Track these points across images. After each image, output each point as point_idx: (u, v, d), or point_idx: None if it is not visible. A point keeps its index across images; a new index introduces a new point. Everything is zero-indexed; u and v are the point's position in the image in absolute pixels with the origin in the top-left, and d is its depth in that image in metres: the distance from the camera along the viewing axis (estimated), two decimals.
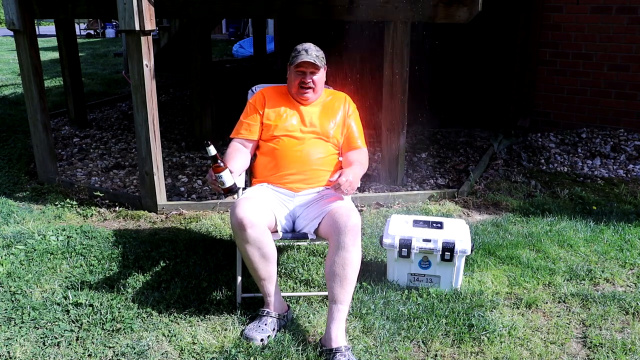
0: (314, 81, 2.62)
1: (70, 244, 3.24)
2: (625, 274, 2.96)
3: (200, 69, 5.06)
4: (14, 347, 2.31)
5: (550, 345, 2.37)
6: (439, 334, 2.40)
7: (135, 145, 3.88)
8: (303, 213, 2.57)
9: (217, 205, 3.82)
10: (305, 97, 2.65)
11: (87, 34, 20.18)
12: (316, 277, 2.88)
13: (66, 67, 5.72)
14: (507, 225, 3.55)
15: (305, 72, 2.60)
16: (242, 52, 12.43)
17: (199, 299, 2.66)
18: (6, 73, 10.02)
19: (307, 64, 2.58)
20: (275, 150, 2.61)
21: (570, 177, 4.48)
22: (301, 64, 2.58)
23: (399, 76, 3.92)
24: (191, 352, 2.29)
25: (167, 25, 7.28)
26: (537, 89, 5.62)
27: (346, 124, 2.72)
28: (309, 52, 2.58)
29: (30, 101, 4.18)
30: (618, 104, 5.29)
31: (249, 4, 4.09)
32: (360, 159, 2.67)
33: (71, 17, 5.74)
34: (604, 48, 5.23)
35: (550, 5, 5.37)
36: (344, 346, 2.20)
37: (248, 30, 16.44)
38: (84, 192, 4.05)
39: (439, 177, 4.48)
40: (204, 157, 4.97)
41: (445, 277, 2.74)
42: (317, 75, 2.63)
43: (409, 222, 2.84)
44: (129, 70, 3.60)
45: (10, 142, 5.37)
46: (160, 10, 3.65)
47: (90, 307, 2.58)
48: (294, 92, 2.67)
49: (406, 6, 3.74)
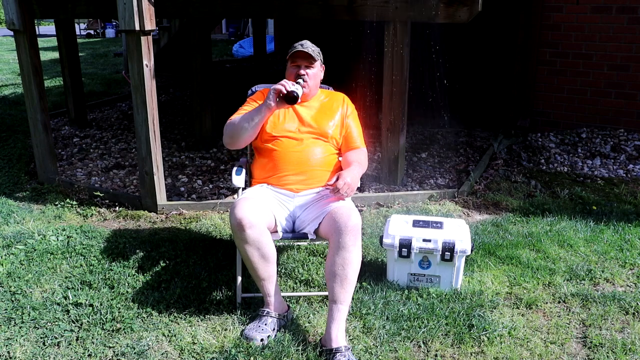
0: (309, 75, 2.61)
1: (70, 244, 3.24)
2: (625, 274, 2.96)
3: (200, 69, 5.06)
4: (14, 347, 2.31)
5: (550, 345, 2.37)
6: (439, 334, 2.40)
7: (135, 145, 3.88)
8: (303, 213, 2.57)
9: (217, 205, 3.82)
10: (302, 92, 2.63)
11: (87, 34, 20.19)
12: (316, 277, 2.88)
13: (66, 67, 5.72)
14: (507, 225, 3.55)
15: (300, 65, 2.60)
16: (242, 52, 12.43)
17: (199, 299, 2.66)
18: (6, 73, 10.02)
19: (302, 54, 2.59)
20: (274, 152, 2.61)
21: (570, 177, 4.48)
22: (296, 53, 2.60)
23: (399, 76, 3.92)
24: (191, 352, 2.29)
25: (167, 25, 7.28)
26: (537, 89, 5.62)
27: (345, 124, 2.71)
28: (304, 45, 2.60)
29: (30, 101, 4.18)
30: (618, 104, 5.29)
31: (249, 4, 4.10)
32: (359, 159, 2.67)
33: (71, 17, 5.74)
34: (604, 48, 5.23)
35: (550, 5, 5.37)
36: (344, 346, 2.20)
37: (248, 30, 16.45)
38: (84, 192, 4.05)
39: (439, 177, 4.48)
40: (203, 157, 4.97)
41: (445, 277, 2.74)
42: (313, 69, 2.63)
43: (409, 222, 2.84)
44: (129, 70, 3.60)
45: (10, 142, 5.37)
46: (160, 10, 3.65)
47: (90, 307, 2.58)
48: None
49: (406, 6, 3.74)
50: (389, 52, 3.91)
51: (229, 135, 2.60)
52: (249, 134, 2.55)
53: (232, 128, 2.58)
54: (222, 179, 4.43)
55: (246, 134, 2.55)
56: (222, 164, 4.80)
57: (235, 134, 2.57)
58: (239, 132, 2.55)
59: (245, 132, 2.54)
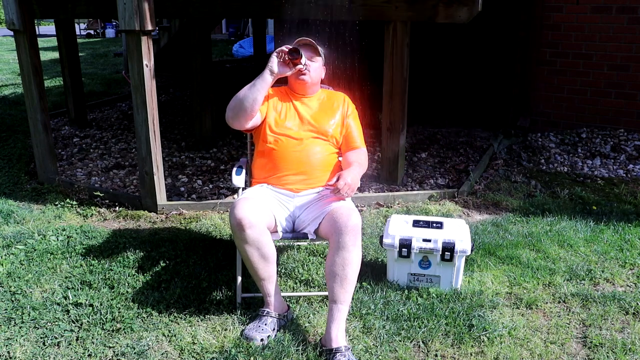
0: (311, 66, 2.59)
1: (70, 244, 3.24)
2: (625, 274, 2.96)
3: (200, 69, 5.06)
4: (14, 347, 2.31)
5: (550, 345, 2.37)
6: (439, 334, 2.40)
7: (135, 145, 3.88)
8: (303, 213, 2.57)
9: (217, 205, 3.82)
10: (302, 79, 2.60)
11: (87, 34, 20.19)
12: (316, 277, 2.88)
13: (66, 67, 5.72)
14: (507, 225, 3.55)
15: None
16: (242, 52, 12.43)
17: (199, 299, 2.66)
18: (6, 73, 10.02)
19: (306, 41, 2.60)
20: (274, 151, 2.60)
21: (570, 177, 4.48)
22: (300, 42, 2.60)
23: (399, 76, 3.93)
24: (191, 352, 2.29)
25: (167, 25, 7.28)
26: (537, 89, 5.62)
27: (345, 124, 2.71)
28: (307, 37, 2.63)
29: (30, 101, 4.18)
30: (618, 104, 5.29)
31: (249, 4, 4.09)
32: (359, 159, 2.67)
33: (71, 17, 5.74)
34: (604, 48, 5.23)
35: (550, 5, 5.37)
36: (344, 346, 2.20)
37: (248, 30, 16.45)
38: (84, 192, 4.05)
39: (439, 177, 4.48)
40: (203, 157, 4.97)
41: (445, 277, 2.74)
42: (315, 63, 2.62)
43: (409, 222, 2.84)
44: (129, 70, 3.60)
45: (10, 142, 5.37)
46: (160, 10, 3.66)
47: (90, 307, 2.58)
48: (293, 79, 2.64)
49: (406, 6, 3.74)
50: (389, 52, 3.91)
51: (232, 108, 2.52)
52: (250, 103, 2.47)
53: (235, 101, 2.51)
54: (222, 179, 4.43)
55: (247, 103, 2.47)
56: (222, 164, 4.80)
57: (237, 106, 2.49)
58: (241, 102, 2.48)
59: (247, 101, 2.46)
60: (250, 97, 2.46)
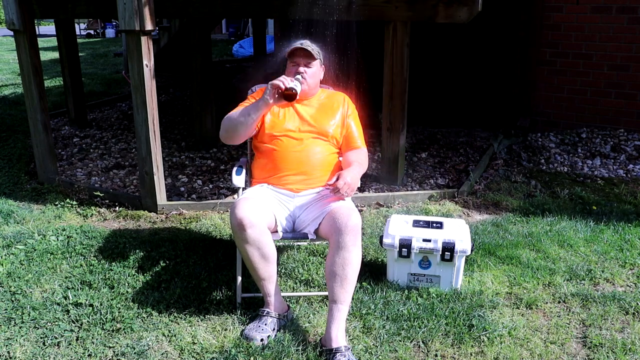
0: (308, 73, 2.60)
1: (70, 244, 3.24)
2: (625, 274, 2.96)
3: (200, 69, 5.06)
4: (14, 347, 2.31)
5: (550, 345, 2.37)
6: (439, 334, 2.40)
7: (135, 145, 3.88)
8: (303, 213, 2.57)
9: (217, 205, 3.82)
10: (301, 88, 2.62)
11: (87, 34, 20.19)
12: (316, 277, 2.88)
13: (66, 67, 5.72)
14: (507, 225, 3.55)
15: (299, 64, 2.60)
16: (242, 52, 12.43)
17: (199, 299, 2.66)
18: (6, 73, 10.02)
19: (301, 52, 2.59)
20: (274, 151, 2.60)
21: (570, 177, 4.48)
22: (295, 52, 2.60)
23: (399, 76, 3.92)
24: (191, 352, 2.29)
25: (167, 25, 7.28)
26: (537, 89, 5.62)
27: (345, 124, 2.71)
28: (304, 44, 2.60)
29: (30, 101, 4.18)
30: (618, 104, 5.29)
31: (249, 4, 4.09)
32: (359, 159, 2.67)
33: (71, 17, 5.74)
34: (604, 48, 5.23)
35: (550, 5, 5.37)
36: (344, 346, 2.20)
37: (248, 30, 16.45)
38: (84, 192, 4.05)
39: (439, 177, 4.48)
40: (203, 157, 4.97)
41: (445, 277, 2.74)
42: (312, 69, 2.62)
43: (409, 222, 2.84)
44: (129, 70, 3.60)
45: (10, 142, 5.37)
46: (160, 10, 3.65)
47: (90, 307, 2.58)
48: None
49: (406, 6, 3.74)
50: (389, 52, 3.91)
51: (225, 129, 2.58)
52: (245, 129, 2.54)
53: (229, 122, 2.57)
54: (222, 179, 4.43)
55: (242, 129, 2.54)
56: (222, 164, 4.80)
57: (231, 129, 2.56)
58: (235, 126, 2.54)
59: (242, 126, 2.53)
60: (246, 124, 2.52)
